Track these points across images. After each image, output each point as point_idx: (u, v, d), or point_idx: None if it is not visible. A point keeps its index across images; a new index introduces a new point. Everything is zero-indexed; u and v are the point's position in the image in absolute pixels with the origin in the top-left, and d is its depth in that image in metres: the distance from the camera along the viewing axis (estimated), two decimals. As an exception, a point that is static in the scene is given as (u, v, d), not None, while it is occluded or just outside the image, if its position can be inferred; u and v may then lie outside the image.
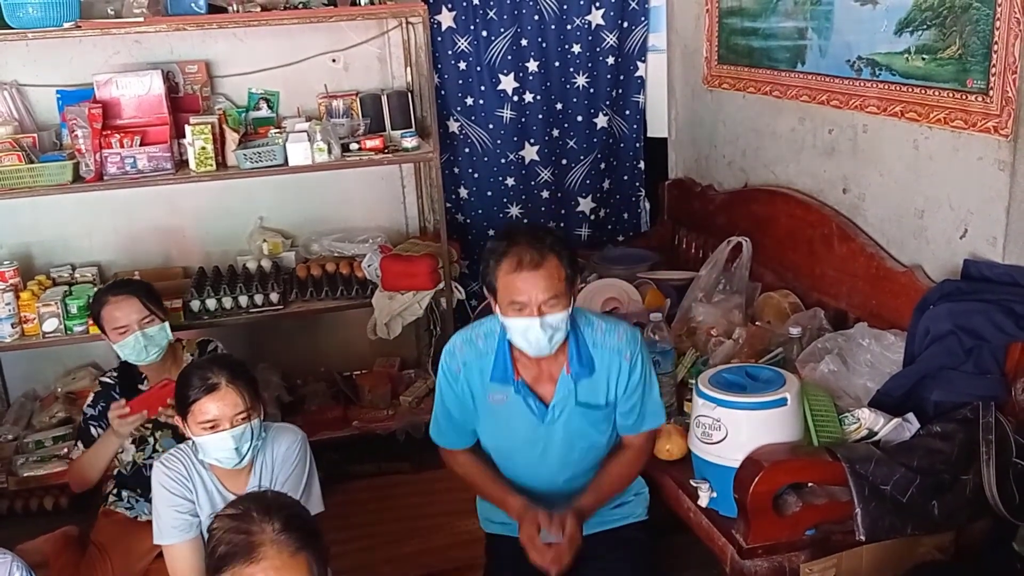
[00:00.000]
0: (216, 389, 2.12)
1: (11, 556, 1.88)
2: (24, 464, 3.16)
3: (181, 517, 2.21)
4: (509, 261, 2.10)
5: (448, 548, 2.95)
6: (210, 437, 2.12)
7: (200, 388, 2.12)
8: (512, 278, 2.09)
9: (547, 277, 2.09)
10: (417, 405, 3.60)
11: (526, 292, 2.09)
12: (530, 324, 2.10)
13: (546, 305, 2.10)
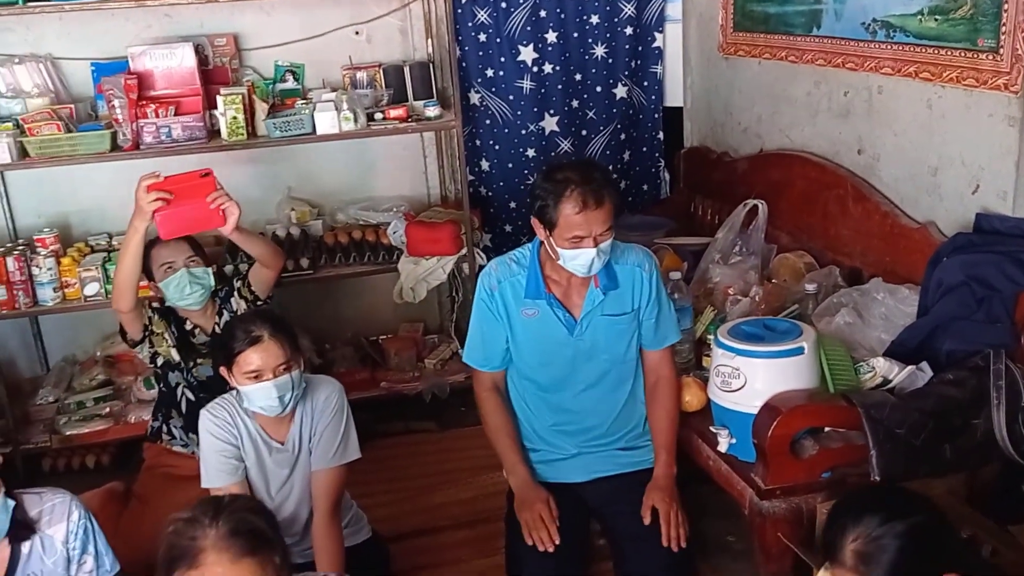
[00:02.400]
0: (259, 341, 2.23)
1: (70, 496, 2.00)
2: (67, 423, 3.28)
3: (228, 462, 2.32)
4: (573, 203, 2.28)
5: (473, 500, 3.06)
6: (254, 387, 2.23)
7: (244, 340, 2.23)
8: (577, 218, 2.29)
9: (606, 213, 2.30)
10: (441, 368, 3.72)
11: (587, 228, 2.29)
12: (587, 253, 2.31)
13: (601, 236, 2.31)
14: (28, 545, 1.90)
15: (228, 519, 1.55)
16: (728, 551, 2.69)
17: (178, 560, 1.52)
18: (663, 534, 2.36)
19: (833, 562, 1.63)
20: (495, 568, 2.58)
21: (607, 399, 2.54)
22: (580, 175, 2.31)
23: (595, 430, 2.55)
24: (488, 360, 2.58)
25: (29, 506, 1.91)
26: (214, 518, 1.55)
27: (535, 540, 2.39)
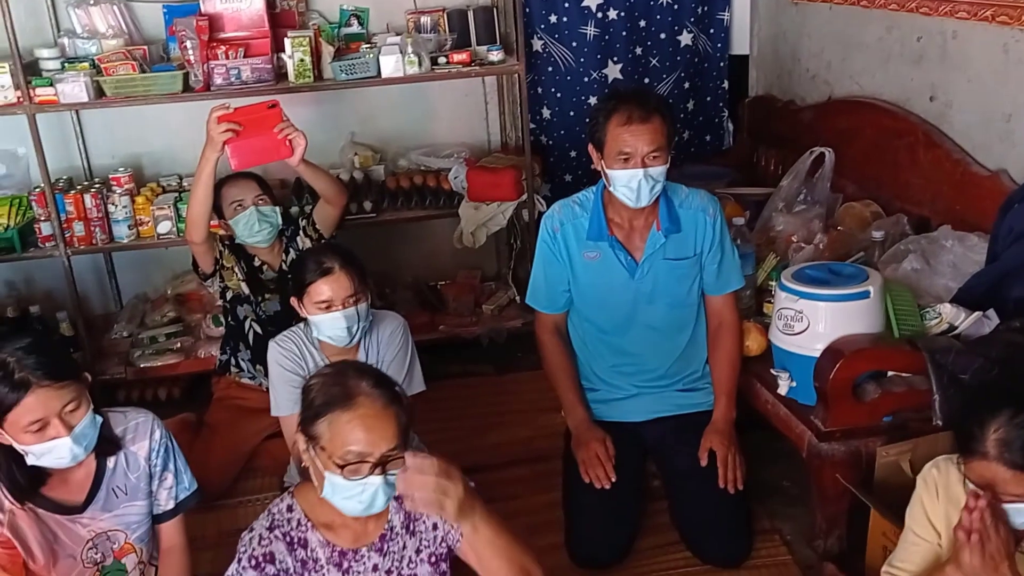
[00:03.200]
0: (331, 272, 2.30)
1: (152, 416, 2.09)
2: (140, 357, 3.41)
3: (295, 392, 2.36)
4: (619, 116, 2.30)
5: (530, 440, 3.11)
6: (324, 316, 2.31)
7: (316, 271, 2.30)
8: (621, 131, 2.30)
9: (653, 131, 2.29)
10: (499, 313, 3.76)
11: (633, 144, 2.29)
12: (634, 175, 2.31)
13: (649, 158, 2.30)
14: (113, 460, 2.00)
15: (372, 373, 1.67)
16: (783, 495, 2.71)
17: (332, 404, 1.60)
18: (720, 476, 2.40)
19: (971, 457, 1.64)
20: (551, 505, 2.64)
21: (667, 342, 2.56)
22: (631, 92, 2.37)
23: (655, 372, 2.58)
24: (550, 302, 2.61)
25: (114, 424, 2.00)
26: (360, 371, 1.65)
27: (592, 478, 2.44)
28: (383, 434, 1.59)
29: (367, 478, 1.58)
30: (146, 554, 2.09)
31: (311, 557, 1.66)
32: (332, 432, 1.60)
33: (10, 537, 1.89)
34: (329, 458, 1.60)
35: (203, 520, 2.65)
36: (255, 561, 1.62)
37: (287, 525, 1.67)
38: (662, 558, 2.48)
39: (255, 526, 1.68)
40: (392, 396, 1.64)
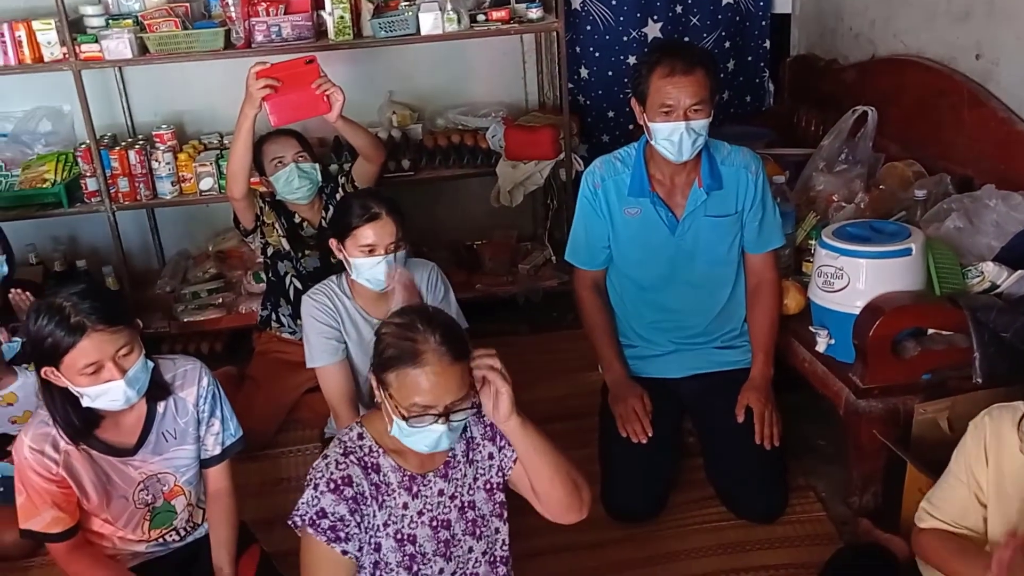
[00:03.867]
0: (377, 218, 2.33)
1: (200, 364, 2.14)
2: (183, 311, 3.48)
3: (329, 343, 2.44)
4: (662, 68, 2.29)
5: (566, 397, 3.13)
6: (366, 260, 2.34)
7: (363, 215, 2.33)
8: (663, 83, 2.29)
9: (695, 84, 2.28)
10: (535, 273, 3.78)
11: (675, 96, 2.29)
12: (676, 127, 2.31)
13: (691, 111, 2.30)
14: (163, 405, 2.05)
15: (441, 327, 1.66)
16: (818, 454, 2.72)
17: (399, 359, 1.63)
18: (756, 432, 2.41)
19: None
20: (587, 459, 2.64)
21: (707, 299, 2.57)
22: (675, 45, 2.39)
23: (693, 329, 2.59)
24: (589, 259, 2.62)
25: (164, 370, 2.06)
26: (429, 325, 1.65)
27: (628, 432, 2.46)
28: (448, 388, 1.62)
29: (431, 426, 1.63)
30: (194, 496, 2.15)
31: (383, 481, 1.71)
32: (399, 383, 1.64)
33: (65, 476, 1.95)
34: (396, 406, 1.65)
35: (246, 470, 2.71)
36: (333, 485, 1.66)
37: (360, 451, 1.72)
38: (696, 512, 2.51)
39: (328, 454, 1.71)
40: (459, 352, 1.65)
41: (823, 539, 2.37)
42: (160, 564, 2.12)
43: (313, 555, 1.68)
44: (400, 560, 1.72)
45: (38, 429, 1.95)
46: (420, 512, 1.74)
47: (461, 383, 1.64)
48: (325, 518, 1.65)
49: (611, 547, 2.40)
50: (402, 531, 1.72)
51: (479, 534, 1.81)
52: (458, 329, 1.74)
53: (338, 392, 2.44)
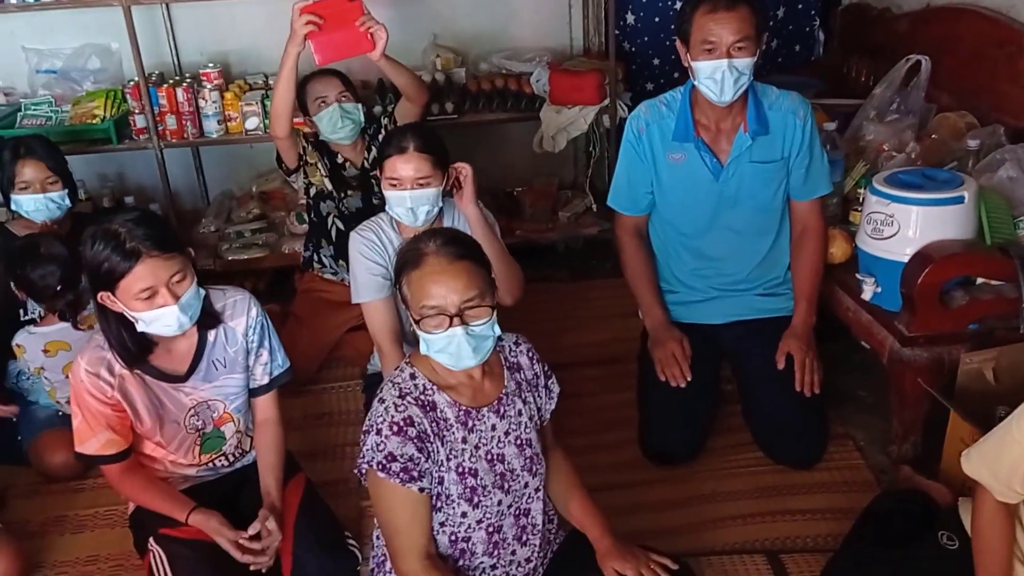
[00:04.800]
0: (404, 152, 2.33)
1: (249, 295, 2.18)
2: (228, 250, 3.53)
3: (375, 279, 2.45)
4: (705, 4, 2.27)
5: (605, 343, 3.15)
6: (392, 193, 2.36)
7: (393, 147, 2.34)
8: (706, 19, 2.27)
9: (739, 20, 2.25)
10: (575, 220, 3.78)
11: (718, 33, 2.26)
12: (718, 66, 2.28)
13: (734, 48, 2.26)
14: (213, 334, 2.10)
15: (445, 233, 1.76)
16: (858, 404, 2.71)
17: (407, 265, 1.71)
18: (796, 379, 2.41)
19: None
20: (625, 404, 2.69)
21: (749, 246, 2.56)
22: None
23: (735, 276, 2.58)
24: (631, 204, 2.62)
25: (214, 300, 2.10)
26: (433, 234, 1.74)
27: (667, 376, 2.47)
28: (454, 287, 1.67)
29: (448, 330, 1.67)
30: (243, 424, 2.21)
31: (441, 417, 1.74)
32: (411, 291, 1.70)
33: (120, 400, 2.01)
34: (413, 318, 1.70)
35: (290, 404, 2.76)
36: (396, 427, 1.68)
37: (415, 391, 1.74)
38: (732, 457, 2.52)
39: (384, 398, 1.74)
40: (462, 251, 1.70)
41: (860, 486, 2.37)
42: (209, 488, 2.18)
43: (389, 498, 1.71)
44: (461, 492, 1.75)
45: (94, 353, 2.00)
46: (476, 446, 1.77)
47: (469, 283, 1.67)
48: (395, 461, 1.67)
49: (647, 487, 2.43)
50: (463, 465, 1.75)
51: (535, 470, 1.84)
52: (465, 237, 1.79)
53: (383, 327, 2.47)
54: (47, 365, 2.59)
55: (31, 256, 2.54)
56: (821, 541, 2.19)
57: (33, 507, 2.48)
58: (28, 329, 2.61)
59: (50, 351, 2.58)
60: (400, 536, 1.72)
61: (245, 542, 2.01)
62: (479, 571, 1.83)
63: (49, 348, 2.58)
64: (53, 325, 2.60)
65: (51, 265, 2.54)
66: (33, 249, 2.56)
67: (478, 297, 1.68)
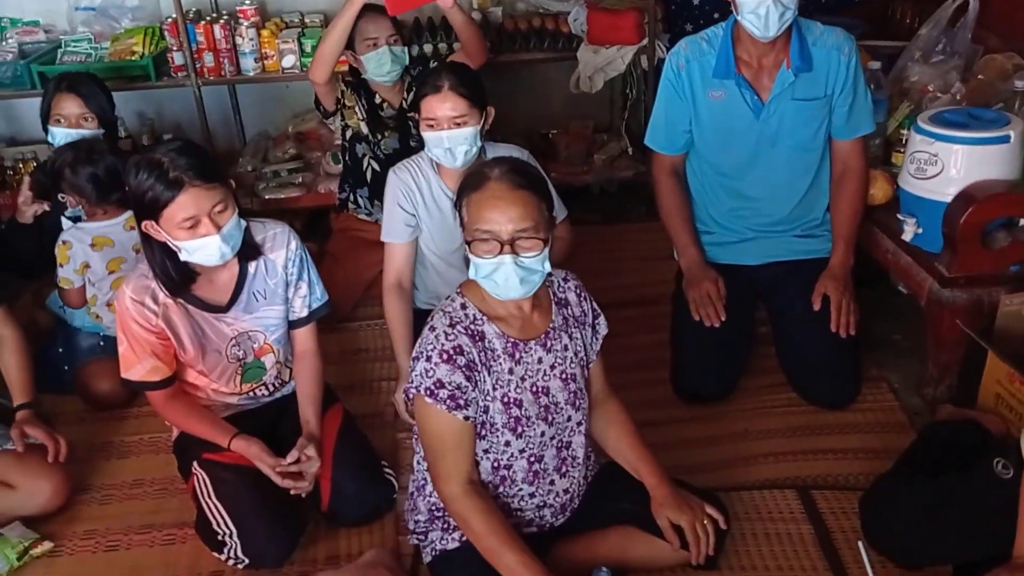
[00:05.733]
0: (440, 91, 2.31)
1: (289, 228, 2.20)
2: (265, 188, 3.55)
3: (401, 224, 2.46)
4: None
5: (638, 285, 3.15)
6: (430, 134, 2.34)
7: (428, 87, 2.33)
8: None
9: None
10: (610, 163, 3.76)
11: None
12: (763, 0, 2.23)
13: None
14: (254, 266, 2.13)
15: (510, 162, 1.76)
16: (893, 348, 2.70)
17: (468, 187, 1.73)
18: (832, 319, 2.40)
19: None
20: (658, 344, 2.69)
21: (788, 187, 2.53)
22: None
23: (773, 216, 2.56)
24: (669, 143, 2.60)
25: (255, 232, 2.12)
26: (499, 161, 1.76)
27: (702, 316, 2.47)
28: (510, 215, 1.67)
29: (498, 256, 1.68)
30: (283, 355, 2.25)
31: (489, 347, 1.76)
32: (468, 213, 1.72)
33: (164, 328, 2.05)
34: (466, 239, 1.72)
35: (326, 340, 2.77)
36: (446, 355, 1.71)
37: (465, 320, 1.76)
38: (765, 397, 2.53)
39: (435, 325, 1.76)
40: (524, 181, 1.71)
41: (894, 427, 2.37)
42: (250, 416, 2.23)
43: (435, 423, 1.74)
44: (506, 422, 1.78)
45: (139, 282, 2.04)
46: (522, 378, 1.79)
47: (525, 214, 1.68)
48: (443, 388, 1.70)
49: (678, 425, 2.45)
50: (508, 395, 1.78)
51: (578, 405, 1.86)
52: (531, 170, 1.79)
53: (394, 270, 2.49)
54: (92, 260, 2.64)
55: (79, 157, 2.59)
56: (853, 479, 2.20)
57: (79, 433, 2.55)
58: (77, 226, 2.68)
59: (96, 245, 2.65)
60: (443, 460, 1.76)
61: (285, 468, 2.07)
62: (518, 499, 1.87)
63: (95, 243, 2.65)
64: (100, 221, 2.66)
65: (100, 163, 2.59)
66: (80, 150, 2.62)
67: (532, 229, 1.68)
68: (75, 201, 2.64)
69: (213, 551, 2.07)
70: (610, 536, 1.94)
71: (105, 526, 2.23)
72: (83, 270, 2.65)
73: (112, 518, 2.26)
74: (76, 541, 2.19)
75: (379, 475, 2.21)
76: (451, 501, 1.76)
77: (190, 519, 2.15)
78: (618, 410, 1.99)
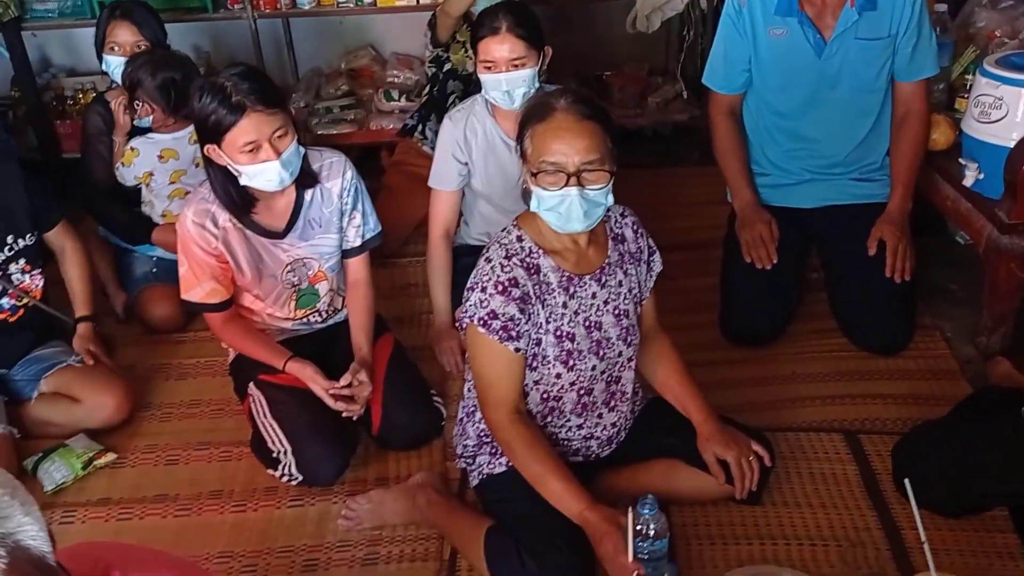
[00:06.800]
0: (498, 33, 2.28)
1: (345, 157, 2.23)
2: (317, 124, 3.58)
3: (451, 173, 2.47)
4: None
5: (690, 229, 3.13)
6: (487, 76, 2.33)
7: (486, 28, 2.30)
8: None
9: None
10: (665, 107, 3.72)
11: None
12: None
13: None
14: (310, 194, 2.16)
15: (576, 91, 1.73)
16: (949, 297, 2.67)
17: (532, 118, 1.71)
18: (888, 264, 2.37)
19: None
20: (707, 288, 2.69)
21: (848, 128, 2.49)
22: None
23: (831, 159, 2.53)
24: (727, 82, 2.56)
25: (312, 160, 2.15)
26: (565, 91, 1.73)
27: (753, 258, 2.46)
28: (577, 146, 1.65)
29: (563, 189, 1.66)
30: (336, 283, 2.29)
31: (544, 281, 1.77)
32: (532, 145, 1.69)
33: (223, 251, 2.10)
34: (530, 171, 1.70)
35: (376, 274, 2.81)
36: (501, 287, 1.72)
37: (521, 253, 1.77)
38: (814, 342, 2.53)
39: (491, 257, 1.77)
40: (591, 112, 1.68)
41: (945, 375, 2.36)
42: (304, 341, 2.28)
43: (486, 353, 1.76)
44: (557, 355, 1.80)
45: (199, 205, 2.08)
46: (576, 312, 1.80)
47: (592, 145, 1.66)
48: (496, 319, 1.71)
49: (726, 366, 2.46)
50: (561, 328, 1.79)
51: (629, 341, 1.88)
52: (595, 98, 1.76)
53: (440, 218, 2.50)
54: (157, 170, 2.73)
55: (158, 63, 2.65)
56: (901, 424, 2.19)
57: (138, 355, 2.63)
58: (148, 136, 2.75)
59: (163, 157, 2.73)
60: (492, 389, 1.78)
61: (337, 391, 2.12)
62: (565, 429, 1.90)
63: (163, 154, 2.73)
64: (168, 133, 2.73)
65: (178, 70, 2.65)
66: (159, 57, 2.68)
67: (598, 161, 1.67)
68: (149, 109, 2.69)
69: (268, 468, 2.14)
70: (655, 468, 1.96)
71: (165, 441, 2.32)
72: (146, 178, 2.73)
73: (171, 434, 2.34)
74: (138, 454, 2.28)
75: (428, 402, 2.26)
76: (498, 428, 1.79)
77: (245, 438, 2.22)
78: (667, 347, 2.00)
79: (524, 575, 1.73)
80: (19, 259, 2.28)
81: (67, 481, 2.16)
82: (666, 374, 1.97)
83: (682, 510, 1.96)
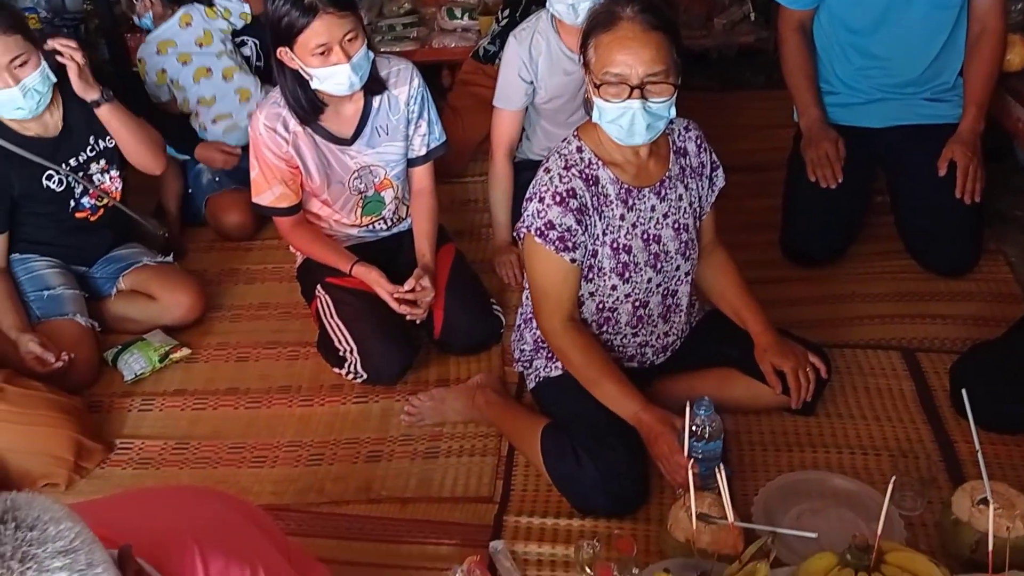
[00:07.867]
0: None
1: (412, 65, 2.24)
2: (380, 42, 3.58)
3: (516, 93, 2.45)
4: None
5: (753, 151, 3.07)
6: None
7: None
8: None
9: None
10: (731, 28, 3.65)
11: None
12: None
13: None
14: (378, 100, 2.20)
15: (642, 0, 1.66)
16: (1016, 224, 2.63)
17: (597, 27, 1.68)
18: (958, 185, 2.33)
19: None
20: (769, 209, 2.67)
21: (921, 46, 2.43)
22: None
23: (902, 77, 2.47)
24: None
25: (380, 67, 2.17)
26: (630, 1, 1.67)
27: (818, 177, 2.44)
28: (642, 57, 1.62)
29: (626, 101, 1.64)
30: (401, 192, 2.34)
31: (602, 192, 1.78)
32: (596, 54, 1.67)
33: (293, 155, 2.16)
34: (593, 82, 1.68)
35: (438, 190, 2.88)
36: (559, 197, 1.73)
37: (580, 164, 1.77)
38: (878, 263, 2.51)
39: (550, 167, 1.77)
40: (658, 22, 1.64)
41: (1007, 299, 2.34)
42: (369, 248, 2.34)
43: (542, 263, 1.78)
44: (613, 267, 1.82)
45: (271, 109, 2.13)
46: (634, 224, 1.80)
47: (657, 57, 1.62)
48: (553, 229, 1.72)
49: (785, 284, 2.46)
50: (618, 240, 1.80)
51: (688, 255, 1.89)
52: (664, 8, 1.70)
53: (503, 138, 2.50)
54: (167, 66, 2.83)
55: None
56: (960, 344, 2.18)
57: (209, 259, 2.73)
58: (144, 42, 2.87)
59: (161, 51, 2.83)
60: (547, 298, 1.81)
61: (402, 294, 2.18)
62: (620, 336, 1.93)
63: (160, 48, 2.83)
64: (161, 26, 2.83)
65: None
66: None
67: (663, 73, 1.64)
68: (148, 5, 2.81)
69: (334, 367, 2.23)
70: (710, 377, 1.99)
71: (236, 340, 2.42)
72: (162, 78, 2.82)
73: (242, 333, 2.44)
74: (210, 351, 2.38)
75: (488, 309, 2.31)
76: (552, 336, 1.83)
77: (311, 339, 2.31)
78: (726, 260, 2.01)
79: (579, 471, 1.78)
80: (100, 159, 2.35)
81: (145, 372, 2.28)
82: (724, 286, 1.99)
83: (736, 417, 1.99)
